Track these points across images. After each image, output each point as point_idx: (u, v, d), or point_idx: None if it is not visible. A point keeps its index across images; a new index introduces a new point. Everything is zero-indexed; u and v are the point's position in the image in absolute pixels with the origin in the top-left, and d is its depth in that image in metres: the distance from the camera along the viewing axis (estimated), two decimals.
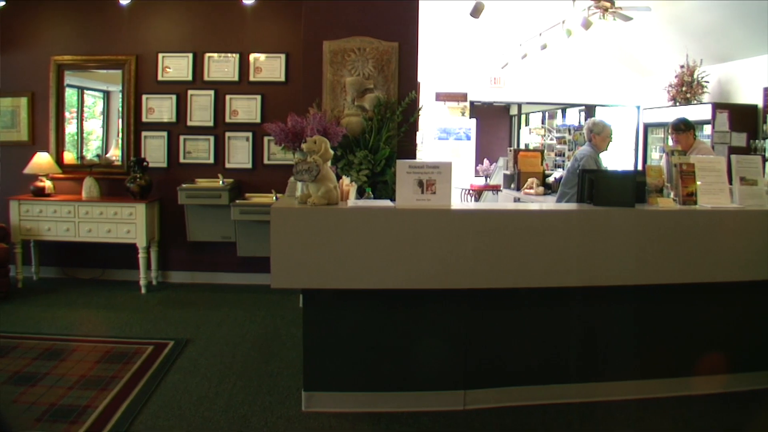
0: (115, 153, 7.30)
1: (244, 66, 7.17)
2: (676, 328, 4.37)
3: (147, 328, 5.58)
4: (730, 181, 4.41)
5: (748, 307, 4.47)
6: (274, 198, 6.74)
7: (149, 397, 4.10)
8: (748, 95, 10.82)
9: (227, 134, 7.18)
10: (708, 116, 10.25)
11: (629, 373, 4.30)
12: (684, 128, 6.24)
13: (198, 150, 7.19)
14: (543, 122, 17.66)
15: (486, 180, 11.74)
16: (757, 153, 9.14)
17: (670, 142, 6.86)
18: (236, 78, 7.16)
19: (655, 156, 11.87)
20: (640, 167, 12.09)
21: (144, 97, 7.17)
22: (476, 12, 8.01)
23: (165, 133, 7.18)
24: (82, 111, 7.45)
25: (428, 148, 12.63)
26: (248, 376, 4.53)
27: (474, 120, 13.16)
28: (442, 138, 12.89)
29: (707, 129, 9.97)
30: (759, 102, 10.49)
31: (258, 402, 4.09)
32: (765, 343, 4.53)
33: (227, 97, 7.16)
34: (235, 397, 4.16)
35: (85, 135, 7.47)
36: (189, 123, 7.17)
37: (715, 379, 4.40)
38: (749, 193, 4.34)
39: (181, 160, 7.20)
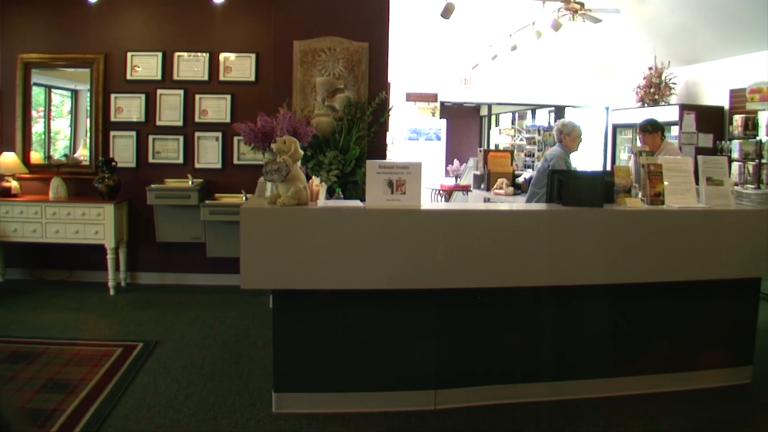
0: (83, 153, 7.21)
1: (213, 65, 7.12)
2: (644, 327, 4.43)
3: (116, 330, 5.53)
4: (697, 182, 4.47)
5: (715, 306, 4.54)
6: (244, 198, 6.71)
7: (118, 400, 4.05)
8: (714, 97, 10.97)
9: (197, 134, 7.13)
10: (675, 117, 10.38)
11: (598, 371, 4.35)
12: (651, 129, 6.31)
13: (167, 150, 7.13)
14: (513, 123, 17.78)
15: (456, 180, 11.78)
16: (723, 154, 9.28)
17: (639, 143, 6.94)
18: (206, 77, 7.11)
19: (624, 157, 12.00)
20: (608, 168, 12.21)
21: (112, 96, 7.08)
22: (447, 12, 8.03)
23: (134, 133, 7.10)
24: (49, 110, 7.34)
25: (398, 148, 12.65)
26: (218, 377, 4.49)
27: (444, 120, 13.21)
28: (413, 138, 12.92)
29: (675, 130, 10.10)
30: (725, 104, 10.64)
31: (228, 404, 4.06)
32: (730, 341, 4.61)
33: (197, 96, 7.11)
34: (205, 399, 4.13)
35: (52, 134, 7.36)
36: (158, 123, 7.10)
37: (683, 377, 4.47)
38: (715, 194, 4.40)
39: (150, 160, 7.13)
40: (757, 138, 8.96)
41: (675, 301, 4.44)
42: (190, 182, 6.88)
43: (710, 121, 10.56)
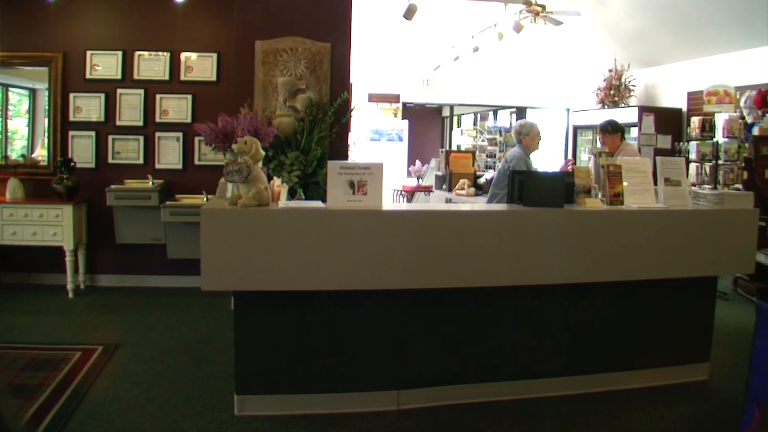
0: (41, 153, 7.08)
1: (174, 65, 7.05)
2: (603, 326, 4.49)
3: (75, 334, 5.44)
4: (656, 182, 4.54)
5: (673, 304, 4.63)
6: (205, 199, 6.66)
7: (77, 405, 3.99)
8: (672, 99, 11.16)
9: (157, 134, 7.05)
10: (635, 119, 10.54)
11: (559, 369, 4.40)
12: (611, 130, 6.38)
13: (127, 150, 7.04)
14: (475, 124, 17.89)
15: (418, 181, 11.83)
16: (681, 155, 9.43)
17: (599, 144, 7.02)
18: (167, 77, 7.04)
19: (584, 157, 12.14)
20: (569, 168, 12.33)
21: (71, 95, 6.97)
22: (409, 13, 8.06)
23: (93, 133, 7.00)
24: (6, 109, 7.21)
25: (360, 149, 12.65)
26: (179, 380, 4.45)
27: (406, 121, 13.24)
28: (375, 139, 12.94)
29: (634, 131, 10.27)
30: (683, 106, 10.83)
31: (190, 407, 4.02)
32: (688, 338, 4.69)
33: (157, 96, 7.03)
34: (166, 402, 4.09)
35: (9, 134, 7.23)
36: (118, 122, 7.01)
37: (642, 374, 4.55)
38: (673, 194, 4.47)
39: (110, 161, 7.03)
40: (714, 139, 9.13)
41: (634, 299, 4.51)
42: (150, 183, 6.80)
43: (668, 122, 10.76)
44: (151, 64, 7.03)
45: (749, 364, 2.53)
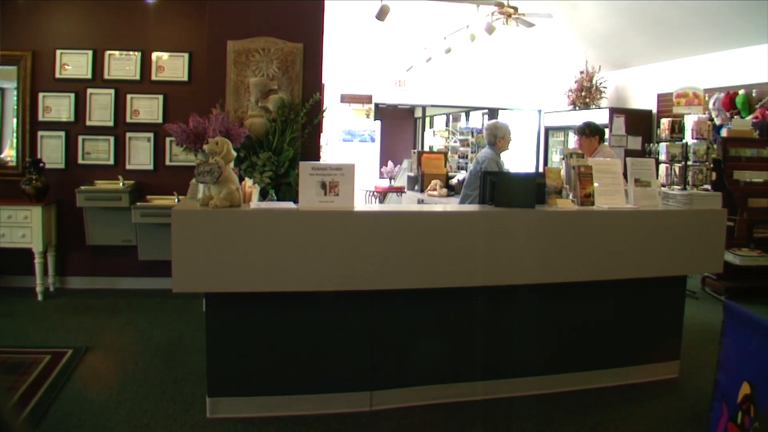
0: (9, 153, 6.98)
1: (146, 64, 6.98)
2: (575, 325, 4.53)
3: (44, 337, 5.37)
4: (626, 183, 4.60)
5: (643, 303, 4.67)
6: (177, 200, 6.61)
7: (47, 409, 3.94)
8: (643, 101, 11.29)
9: (128, 135, 6.98)
10: (606, 120, 10.65)
11: (532, 369, 4.42)
12: (589, 133, 6.40)
13: (97, 151, 6.96)
14: (447, 125, 17.95)
15: (390, 182, 11.84)
16: (651, 156, 9.54)
17: (571, 145, 7.07)
18: (138, 77, 6.97)
19: (556, 158, 12.24)
20: (541, 169, 12.45)
21: (41, 95, 6.87)
22: (381, 14, 8.08)
23: (63, 133, 6.91)
24: None
25: (333, 149, 12.64)
26: (151, 383, 4.41)
27: (379, 122, 13.25)
28: (347, 140, 12.94)
29: (605, 132, 10.37)
30: (653, 107, 10.96)
31: (161, 410, 3.99)
32: (658, 337, 4.75)
33: (128, 96, 6.96)
34: (138, 405, 4.05)
35: None
36: (88, 123, 6.92)
37: (613, 373, 4.59)
38: (643, 194, 4.53)
39: (80, 161, 6.94)
40: (683, 141, 9.24)
41: (605, 299, 4.55)
42: (121, 184, 6.73)
43: (639, 124, 10.89)
44: (122, 64, 6.96)
45: (717, 362, 2.56)
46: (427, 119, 18.90)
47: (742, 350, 2.40)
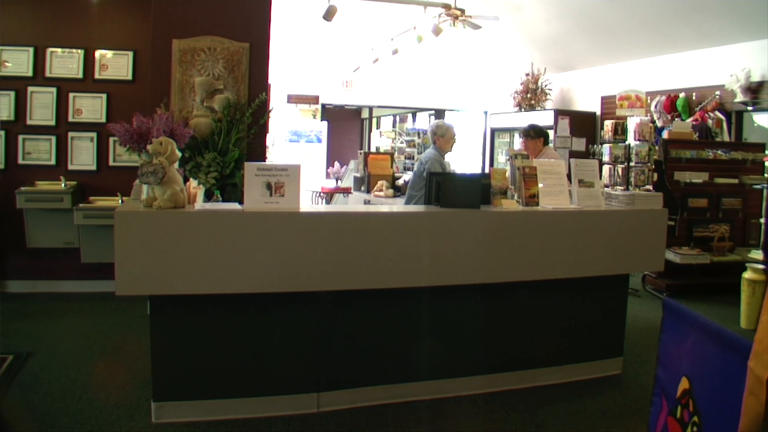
0: None
1: (89, 63, 6.84)
2: (521, 324, 4.58)
3: None
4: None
5: (587, 302, 4.76)
6: (120, 201, 6.50)
7: None
8: (587, 103, 11.49)
9: (70, 134, 6.83)
10: (551, 122, 10.80)
11: (478, 368, 4.46)
12: (534, 135, 6.46)
13: (38, 150, 6.80)
14: (394, 126, 18.01)
15: (337, 182, 11.82)
16: (595, 157, 9.71)
17: (516, 146, 7.14)
18: (80, 75, 6.82)
19: (502, 159, 12.38)
20: (486, 170, 12.58)
21: None
22: (329, 15, 8.07)
23: (2, 133, 6.71)
24: None
25: (279, 150, 12.58)
26: (94, 389, 4.32)
27: (325, 123, 13.22)
28: (293, 140, 12.88)
29: (550, 134, 10.52)
30: (597, 109, 11.16)
31: (105, 416, 3.91)
32: (602, 335, 4.84)
33: (71, 95, 6.81)
34: (81, 412, 3.96)
35: None
36: (29, 122, 6.74)
37: (559, 370, 4.67)
38: (587, 195, 4.60)
39: (20, 161, 6.76)
40: (626, 142, 9.44)
41: (550, 298, 4.62)
42: (62, 185, 6.58)
43: (583, 125, 11.08)
44: (64, 62, 6.81)
45: (656, 358, 2.62)
46: (374, 120, 18.94)
47: (680, 346, 2.46)
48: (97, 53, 6.86)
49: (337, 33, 11.44)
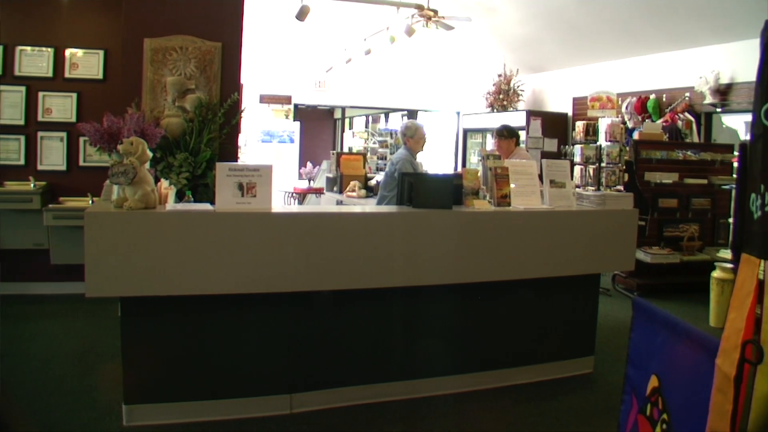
0: None
1: (59, 61, 6.76)
2: (494, 324, 4.61)
3: None
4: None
5: (559, 301, 4.80)
6: (90, 202, 6.43)
7: None
8: (559, 104, 11.58)
9: (40, 134, 6.74)
10: (523, 122, 10.87)
11: (451, 368, 4.47)
12: (507, 135, 6.49)
13: (7, 150, 6.70)
14: (366, 126, 18.03)
15: (309, 183, 11.79)
16: (567, 157, 9.78)
17: (488, 147, 7.17)
18: (50, 74, 6.74)
19: (474, 160, 12.43)
20: (459, 170, 12.62)
21: None
22: (301, 15, 8.05)
23: None
24: None
25: (251, 150, 12.53)
26: (64, 392, 4.27)
27: (298, 123, 13.18)
28: (266, 140, 12.84)
29: (522, 135, 10.61)
30: (569, 110, 11.25)
31: (76, 420, 3.87)
32: (574, 334, 4.88)
33: (40, 94, 6.72)
34: (51, 416, 3.91)
35: None
36: None
37: (531, 369, 4.70)
38: (558, 195, 4.64)
39: None
40: (597, 143, 9.52)
41: (522, 297, 4.65)
42: (32, 185, 6.50)
43: (555, 126, 11.17)
44: (34, 60, 6.72)
45: (627, 357, 2.65)
46: (347, 120, 18.93)
47: (649, 345, 2.49)
48: (68, 52, 6.79)
49: (310, 33, 11.42)
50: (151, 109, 5.19)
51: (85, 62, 6.82)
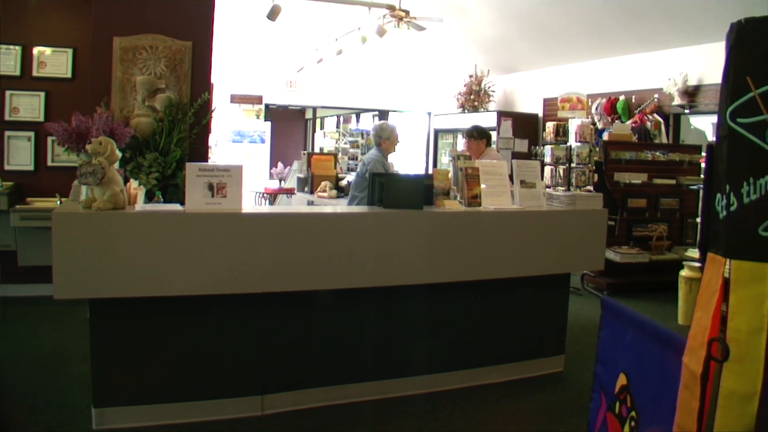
0: None
1: (26, 59, 6.66)
2: (464, 323, 4.63)
3: None
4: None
5: (530, 301, 4.83)
6: (59, 202, 6.34)
7: None
8: (529, 105, 11.66)
9: (7, 133, 6.64)
10: (494, 123, 10.92)
11: (422, 368, 4.48)
12: (477, 136, 6.51)
13: None
14: (338, 126, 18.03)
15: (280, 183, 11.74)
16: (537, 158, 9.85)
17: (459, 147, 7.20)
18: (18, 72, 6.64)
19: (445, 160, 12.47)
20: (430, 171, 12.66)
21: None
22: (273, 14, 8.02)
23: None
24: None
25: (222, 150, 12.46)
26: (32, 396, 4.21)
27: (269, 123, 13.13)
28: (237, 141, 12.77)
29: (493, 135, 10.64)
30: (539, 111, 11.33)
31: (44, 423, 3.82)
32: (545, 333, 4.93)
33: (7, 92, 6.61)
34: (19, 419, 3.86)
35: None
36: None
37: (502, 368, 4.73)
38: (528, 195, 4.67)
39: None
40: (567, 144, 9.60)
41: (493, 297, 4.67)
42: None
43: (525, 127, 11.25)
44: (1, 58, 6.61)
45: (596, 355, 2.67)
46: (318, 121, 18.91)
47: (617, 343, 2.51)
48: (36, 50, 6.69)
49: (281, 33, 11.38)
50: (121, 108, 5.14)
51: (54, 61, 6.74)
